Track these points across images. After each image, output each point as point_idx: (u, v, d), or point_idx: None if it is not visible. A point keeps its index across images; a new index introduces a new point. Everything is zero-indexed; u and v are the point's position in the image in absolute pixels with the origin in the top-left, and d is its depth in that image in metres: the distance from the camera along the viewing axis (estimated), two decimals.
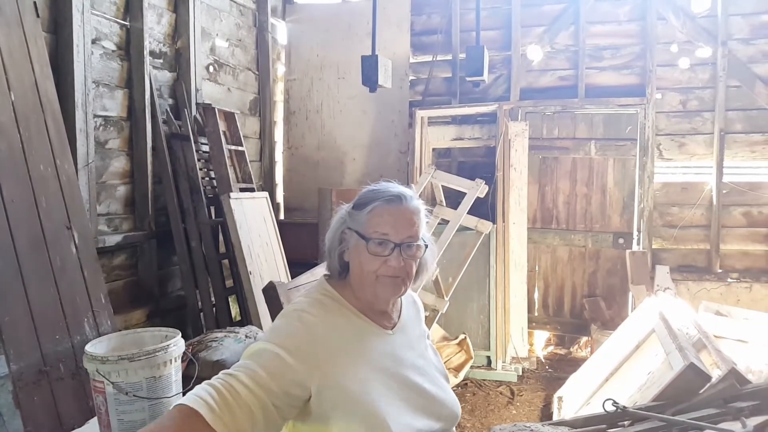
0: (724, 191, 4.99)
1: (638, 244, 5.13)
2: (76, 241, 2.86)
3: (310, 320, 1.31)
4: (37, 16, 2.92)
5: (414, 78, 5.67)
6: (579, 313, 5.40)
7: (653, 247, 5.12)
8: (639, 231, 5.13)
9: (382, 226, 1.33)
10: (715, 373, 2.57)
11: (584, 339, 5.39)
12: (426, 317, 4.28)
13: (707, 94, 5.02)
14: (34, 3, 2.90)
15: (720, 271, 5.02)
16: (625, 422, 2.33)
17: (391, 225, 1.33)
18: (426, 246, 1.39)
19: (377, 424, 1.25)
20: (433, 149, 5.59)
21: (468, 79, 3.62)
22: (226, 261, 4.19)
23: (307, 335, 1.28)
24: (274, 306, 2.78)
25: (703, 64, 5.01)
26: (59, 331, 2.64)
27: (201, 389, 1.16)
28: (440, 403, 1.41)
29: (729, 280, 4.96)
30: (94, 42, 3.43)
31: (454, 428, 1.50)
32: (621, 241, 5.27)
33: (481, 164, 5.44)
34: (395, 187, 1.39)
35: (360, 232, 1.35)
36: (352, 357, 1.31)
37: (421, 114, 5.39)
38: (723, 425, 2.23)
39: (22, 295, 2.50)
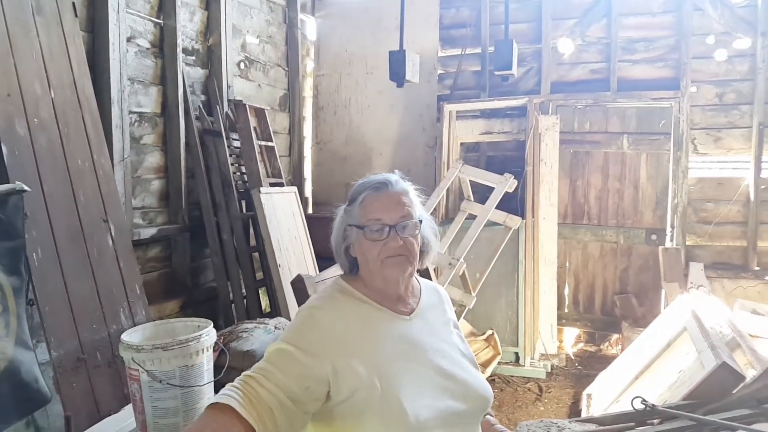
0: (763, 187, 4.85)
1: (671, 240, 5.04)
2: (113, 234, 2.94)
3: (319, 314, 1.38)
4: (76, 15, 3.01)
5: (442, 72, 5.65)
6: (610, 310, 5.33)
7: (687, 243, 5.02)
8: (672, 227, 5.04)
9: (374, 213, 1.39)
10: (750, 373, 2.53)
11: (615, 336, 5.32)
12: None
13: (745, 87, 4.89)
14: (73, 3, 2.99)
15: (757, 268, 4.89)
16: (654, 421, 2.31)
17: (382, 210, 1.39)
18: (421, 221, 1.44)
19: (392, 404, 1.28)
20: (461, 143, 5.56)
21: (497, 72, 3.60)
22: (256, 254, 4.26)
23: (316, 329, 1.35)
24: (302, 298, 2.82)
25: (742, 56, 4.88)
26: (96, 320, 2.73)
27: (226, 390, 1.24)
28: (465, 385, 1.41)
29: (767, 278, 4.84)
30: (129, 40, 3.51)
31: (489, 410, 1.51)
32: (654, 237, 5.18)
33: (510, 158, 5.40)
34: (380, 176, 1.46)
35: (357, 224, 1.41)
36: (364, 342, 1.35)
37: (449, 108, 5.38)
38: (756, 426, 2.19)
39: (61, 285, 2.59)
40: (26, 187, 2.18)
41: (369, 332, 1.38)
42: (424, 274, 2.90)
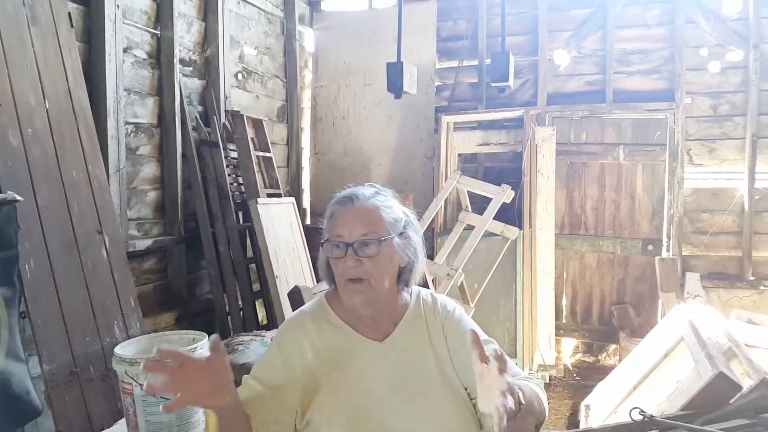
0: (757, 197, 4.87)
1: (668, 250, 5.04)
2: (107, 246, 2.92)
3: (280, 347, 1.41)
4: (72, 26, 3.01)
5: (440, 83, 5.67)
6: (607, 321, 5.32)
7: (683, 253, 5.02)
8: (668, 237, 5.04)
9: (337, 228, 1.35)
10: (746, 383, 2.51)
11: (612, 347, 5.30)
12: None
13: (738, 98, 4.91)
14: (69, 13, 2.99)
15: (752, 278, 4.90)
16: (653, 431, 2.29)
17: (343, 226, 1.34)
18: (383, 240, 1.33)
19: None
20: (459, 154, 5.57)
21: (494, 84, 3.61)
22: (253, 265, 4.24)
23: (279, 358, 1.38)
24: None
25: (735, 68, 4.91)
26: (90, 333, 2.70)
27: None
28: (433, 420, 1.33)
29: (762, 287, 4.83)
30: (125, 51, 3.51)
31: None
32: (650, 247, 5.18)
33: (507, 169, 5.40)
34: (350, 189, 1.43)
35: (323, 239, 1.39)
36: (328, 373, 1.35)
37: (446, 119, 5.39)
38: None
39: (54, 297, 2.57)
40: (19, 197, 2.17)
41: (333, 362, 1.36)
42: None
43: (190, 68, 4.16)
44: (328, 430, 1.32)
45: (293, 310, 2.87)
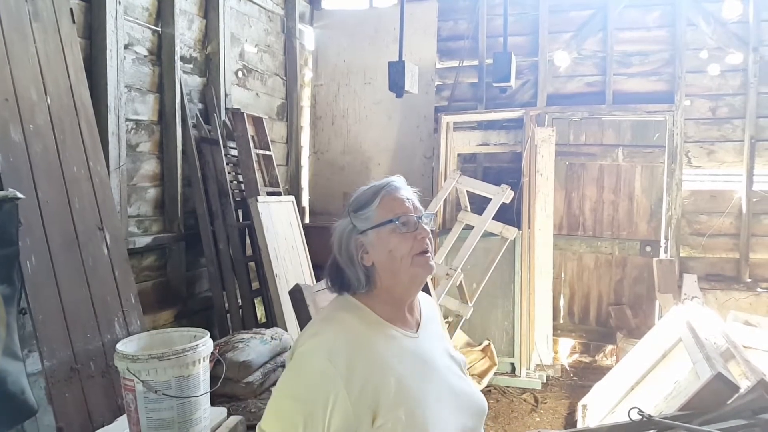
0: (754, 199, 4.89)
1: (665, 252, 5.06)
2: (108, 242, 2.92)
3: (320, 356, 1.26)
4: (73, 22, 3.00)
5: (440, 83, 5.68)
6: (605, 321, 5.33)
7: (681, 255, 5.04)
8: (666, 239, 5.06)
9: (398, 208, 1.37)
10: (744, 384, 2.53)
11: (610, 347, 5.32)
12: (450, 323, 4.29)
13: (738, 101, 4.94)
14: (71, 9, 2.99)
15: (749, 280, 4.92)
16: (651, 431, 2.30)
17: (404, 205, 1.39)
18: (432, 215, 1.46)
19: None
20: (459, 154, 5.58)
21: (495, 84, 3.62)
22: (252, 263, 4.24)
23: (331, 373, 1.23)
24: (300, 308, 2.81)
25: (734, 71, 4.93)
26: (90, 329, 2.70)
27: None
28: (469, 399, 1.41)
29: (759, 289, 4.86)
30: (126, 47, 3.51)
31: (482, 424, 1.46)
32: (648, 248, 5.20)
33: (506, 170, 5.42)
34: (386, 179, 1.45)
35: (379, 223, 1.36)
36: (380, 371, 1.27)
37: (446, 119, 5.40)
38: None
39: (55, 294, 2.56)
40: (20, 195, 2.16)
41: (384, 359, 1.30)
42: None
43: (191, 65, 4.16)
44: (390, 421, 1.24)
45: (294, 308, 2.88)
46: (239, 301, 4.14)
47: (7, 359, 2.13)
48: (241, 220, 4.19)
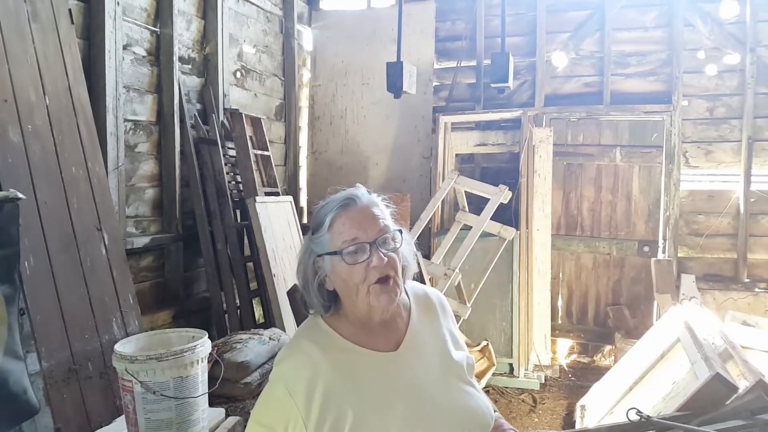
0: (752, 200, 4.90)
1: (663, 252, 5.06)
2: (106, 243, 2.92)
3: (280, 388, 1.24)
4: (72, 22, 3.00)
5: (438, 84, 5.68)
6: (603, 322, 5.34)
7: (679, 255, 5.05)
8: (664, 239, 5.07)
9: (348, 233, 1.24)
10: (742, 384, 2.53)
11: (608, 348, 5.32)
12: None
13: (735, 101, 4.95)
14: (69, 10, 2.98)
15: (747, 280, 4.93)
16: None
17: (356, 227, 1.24)
18: (400, 231, 1.29)
19: None
20: (456, 154, 5.58)
21: (493, 85, 3.61)
22: (250, 264, 4.24)
23: (287, 402, 1.22)
24: (298, 308, 2.81)
25: (731, 71, 4.94)
26: (88, 330, 2.70)
27: None
28: (466, 415, 1.29)
29: (757, 290, 4.87)
30: (125, 48, 3.51)
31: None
32: (646, 248, 5.20)
33: (504, 170, 5.42)
34: (343, 192, 1.31)
35: (329, 251, 1.25)
36: (338, 402, 1.21)
37: (444, 119, 5.40)
38: None
39: (53, 294, 2.56)
40: (21, 195, 2.16)
41: (354, 385, 1.24)
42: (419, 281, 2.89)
43: (189, 66, 4.16)
44: None
45: (292, 308, 2.89)
46: (237, 301, 4.14)
47: (8, 359, 2.13)
48: (239, 220, 4.18)
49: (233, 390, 2.69)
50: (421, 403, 1.26)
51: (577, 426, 3.71)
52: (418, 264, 1.51)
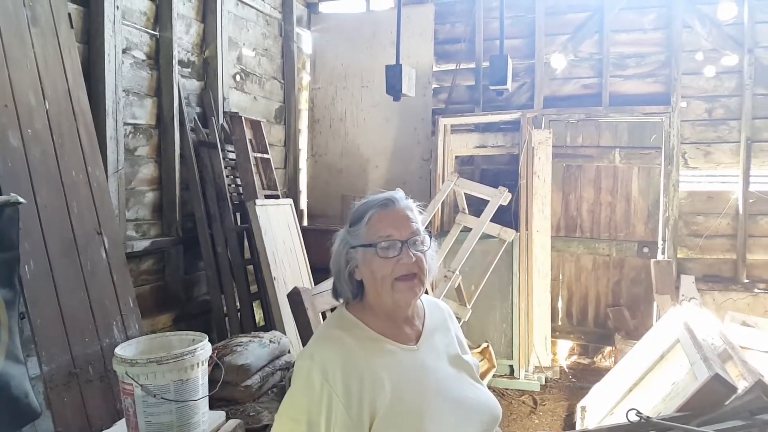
0: (751, 200, 4.91)
1: (663, 253, 5.07)
2: (106, 246, 2.92)
3: (316, 376, 1.28)
4: (71, 26, 3.01)
5: (437, 86, 5.69)
6: (603, 323, 5.35)
7: (678, 256, 5.06)
8: (664, 240, 5.07)
9: (384, 230, 1.35)
10: (741, 385, 2.53)
11: (608, 349, 5.33)
12: None
13: (733, 103, 4.96)
14: (69, 14, 2.99)
15: (747, 281, 4.94)
16: None
17: (391, 226, 1.36)
18: (430, 236, 1.41)
19: None
20: (456, 157, 5.59)
21: (492, 87, 3.61)
22: (251, 267, 4.24)
23: (326, 390, 1.26)
24: (299, 311, 2.80)
25: (729, 72, 4.95)
26: (89, 334, 2.70)
27: None
28: (478, 407, 1.39)
29: (756, 290, 4.87)
30: (124, 52, 3.52)
31: (498, 429, 1.48)
32: (645, 250, 5.21)
33: (504, 172, 5.43)
34: (384, 193, 1.43)
35: (364, 243, 1.36)
36: (376, 387, 1.28)
37: (444, 122, 5.41)
38: None
39: (53, 298, 2.56)
40: (22, 199, 2.17)
41: (381, 374, 1.30)
42: None
43: (189, 69, 4.17)
44: None
45: (292, 312, 2.88)
46: (238, 304, 4.14)
47: (9, 363, 2.13)
48: (239, 223, 4.19)
49: (234, 393, 2.69)
50: (444, 394, 1.35)
51: (578, 427, 3.71)
52: None
